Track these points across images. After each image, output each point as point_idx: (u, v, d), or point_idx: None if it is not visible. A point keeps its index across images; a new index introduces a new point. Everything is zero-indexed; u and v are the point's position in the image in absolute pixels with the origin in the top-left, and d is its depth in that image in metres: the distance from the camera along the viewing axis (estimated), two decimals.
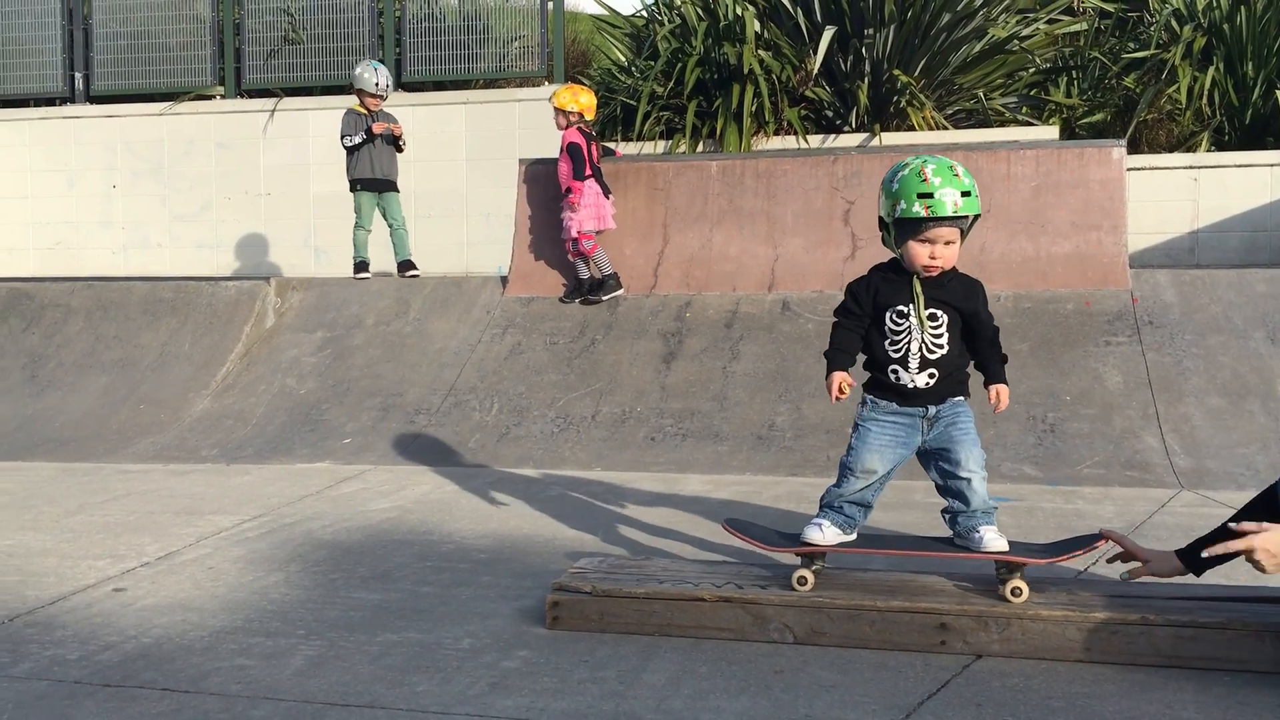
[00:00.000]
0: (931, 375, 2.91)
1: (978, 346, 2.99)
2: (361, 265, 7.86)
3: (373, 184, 7.84)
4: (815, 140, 9.05)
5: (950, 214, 2.81)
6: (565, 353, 6.50)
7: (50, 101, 10.88)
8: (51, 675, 2.71)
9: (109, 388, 6.83)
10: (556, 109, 6.94)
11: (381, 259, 8.11)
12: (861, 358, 3.05)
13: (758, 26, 9.18)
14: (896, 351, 2.92)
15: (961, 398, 2.96)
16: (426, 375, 6.51)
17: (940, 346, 2.90)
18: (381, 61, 9.34)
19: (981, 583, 2.95)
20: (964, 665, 2.68)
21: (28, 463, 5.78)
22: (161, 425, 6.36)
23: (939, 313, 2.90)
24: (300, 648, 2.88)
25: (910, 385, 2.92)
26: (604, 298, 6.76)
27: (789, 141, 9.02)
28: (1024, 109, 9.72)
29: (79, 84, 10.75)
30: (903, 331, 2.92)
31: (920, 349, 2.90)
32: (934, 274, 2.90)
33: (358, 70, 7.93)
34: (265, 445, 5.96)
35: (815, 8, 9.27)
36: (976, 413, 5.64)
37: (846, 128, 9.20)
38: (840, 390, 2.96)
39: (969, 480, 2.92)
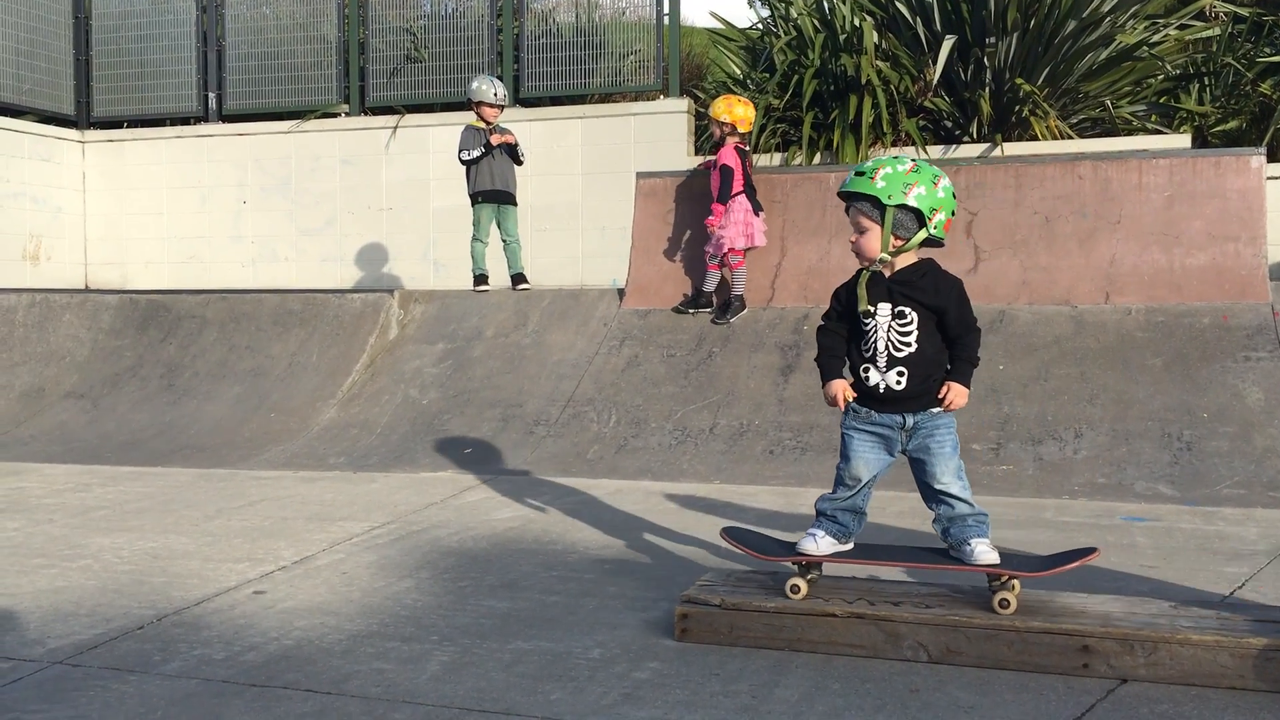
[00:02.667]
0: (901, 374, 2.92)
1: (947, 346, 2.97)
2: (481, 278, 8.00)
3: (492, 195, 7.98)
4: (934, 151, 8.91)
5: (841, 190, 2.98)
6: (682, 365, 6.51)
7: (185, 121, 11.32)
8: (200, 674, 2.81)
9: (241, 396, 7.07)
10: (711, 119, 7.01)
11: (497, 271, 8.24)
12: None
13: (876, 37, 9.08)
14: (867, 350, 2.96)
15: (941, 409, 2.95)
16: (545, 386, 6.59)
17: (908, 344, 2.92)
18: (498, 76, 9.51)
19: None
20: (1108, 690, 2.59)
21: (167, 468, 6.01)
22: (291, 433, 6.55)
23: (908, 310, 2.92)
24: (435, 653, 2.93)
25: (882, 386, 2.93)
26: (730, 319, 6.74)
27: (907, 153, 8.90)
28: (1153, 117, 9.42)
29: (212, 104, 11.17)
30: (870, 329, 2.95)
31: (887, 346, 2.93)
32: (862, 262, 2.97)
33: (474, 84, 8.09)
34: (389, 454, 6.10)
35: (935, 17, 9.14)
36: (1106, 429, 5.46)
37: (966, 138, 9.04)
38: (839, 401, 3.02)
39: (947, 491, 2.95)
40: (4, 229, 10.53)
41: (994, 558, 2.88)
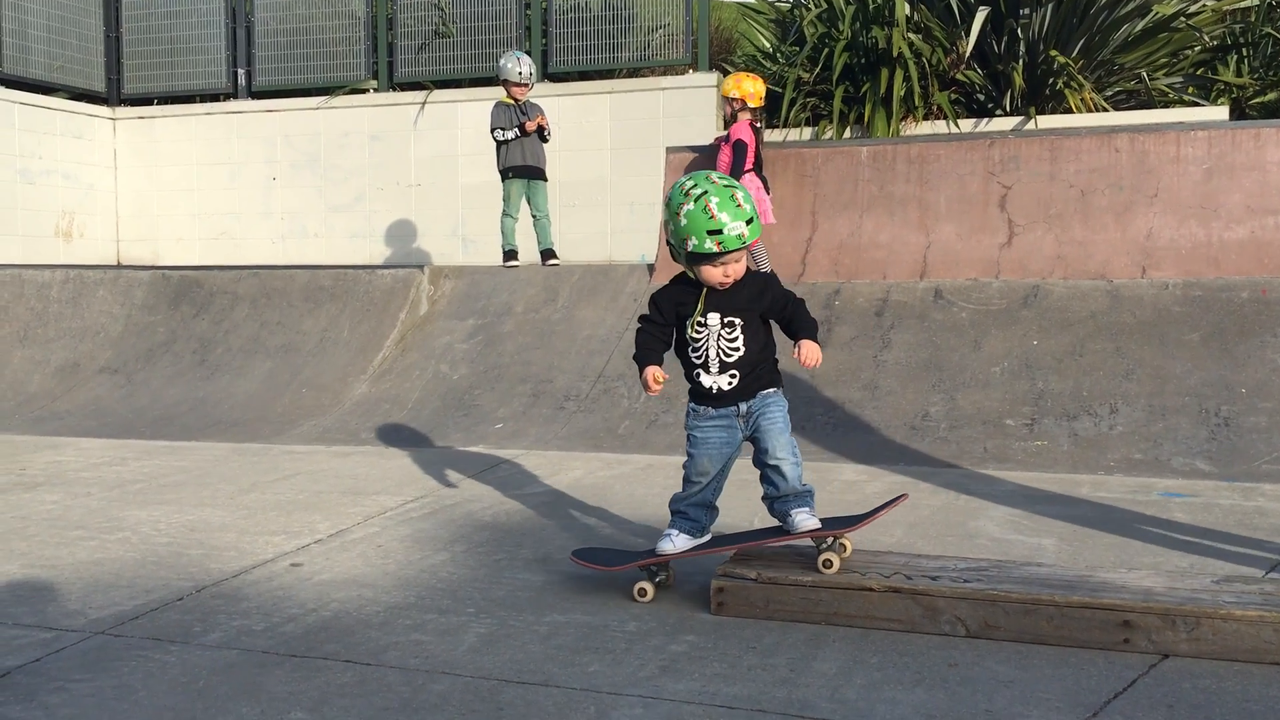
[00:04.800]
0: (733, 376, 3.09)
1: (784, 325, 3.15)
2: (511, 254, 8.00)
3: (523, 170, 7.97)
4: (966, 125, 8.82)
5: (738, 246, 3.01)
6: None
7: (215, 97, 11.36)
8: (240, 645, 2.83)
9: (273, 372, 7.11)
10: (721, 96, 6.98)
11: (527, 247, 8.23)
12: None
13: (907, 9, 8.99)
14: (699, 357, 3.12)
15: (772, 389, 3.13)
16: (575, 362, 6.59)
17: (736, 350, 3.09)
18: (526, 52, 9.48)
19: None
20: (1150, 665, 2.57)
21: (201, 443, 6.06)
22: (323, 408, 6.59)
23: (735, 319, 3.08)
24: (472, 625, 2.95)
25: (715, 388, 3.10)
26: None
27: (938, 126, 8.82)
28: (1190, 89, 9.29)
29: (241, 80, 11.20)
30: (702, 338, 3.11)
31: (718, 354, 3.09)
32: (727, 285, 3.06)
33: (502, 61, 8.07)
34: (421, 429, 6.12)
35: None
36: (1142, 405, 5.41)
37: (999, 111, 8.95)
38: (655, 381, 3.10)
39: (778, 467, 3.08)
40: (37, 206, 10.62)
41: (815, 523, 3.05)
